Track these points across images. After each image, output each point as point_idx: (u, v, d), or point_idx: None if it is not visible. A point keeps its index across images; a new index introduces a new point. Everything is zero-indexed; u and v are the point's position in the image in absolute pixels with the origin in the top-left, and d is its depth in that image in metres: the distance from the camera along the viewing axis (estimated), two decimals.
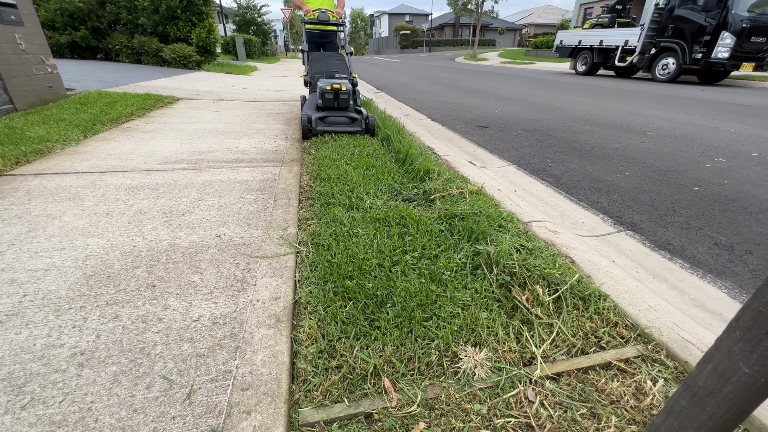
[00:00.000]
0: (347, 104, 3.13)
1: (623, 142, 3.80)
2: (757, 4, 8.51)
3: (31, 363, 0.96)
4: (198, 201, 1.93)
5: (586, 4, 25.06)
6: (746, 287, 1.57)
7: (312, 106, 3.27)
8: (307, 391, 0.94)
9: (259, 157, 2.68)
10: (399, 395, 0.94)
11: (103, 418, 0.83)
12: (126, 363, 0.97)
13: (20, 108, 3.53)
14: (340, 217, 1.77)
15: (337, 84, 3.02)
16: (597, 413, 0.92)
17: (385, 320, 1.15)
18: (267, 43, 22.23)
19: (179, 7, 8.78)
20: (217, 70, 9.53)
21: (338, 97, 3.07)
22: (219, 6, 22.87)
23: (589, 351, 1.09)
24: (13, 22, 3.44)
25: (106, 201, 1.88)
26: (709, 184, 2.67)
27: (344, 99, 3.09)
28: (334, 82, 3.03)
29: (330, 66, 3.66)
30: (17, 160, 2.34)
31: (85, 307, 1.16)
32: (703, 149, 3.53)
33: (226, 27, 25.97)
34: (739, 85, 9.81)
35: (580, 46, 12.81)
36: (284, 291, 1.27)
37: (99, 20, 8.54)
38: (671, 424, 0.52)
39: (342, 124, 3.14)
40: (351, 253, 1.47)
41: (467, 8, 28.62)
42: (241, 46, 15.16)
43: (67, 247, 1.47)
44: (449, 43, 46.94)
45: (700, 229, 2.03)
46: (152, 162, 2.48)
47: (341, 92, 3.05)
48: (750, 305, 0.42)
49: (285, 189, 2.12)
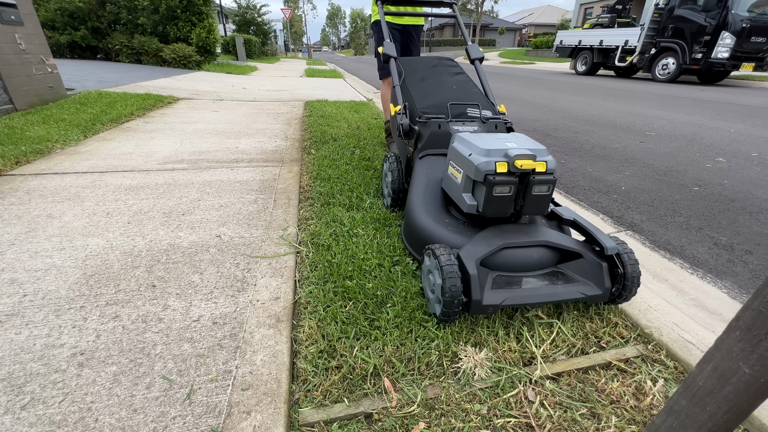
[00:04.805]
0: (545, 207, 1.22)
1: (623, 142, 3.80)
2: (757, 4, 8.52)
3: (31, 363, 0.96)
4: (198, 201, 1.93)
5: (586, 4, 25.07)
6: (746, 287, 1.57)
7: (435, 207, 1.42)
8: (307, 391, 0.94)
9: (259, 157, 2.68)
10: (399, 395, 0.94)
11: (103, 418, 0.83)
12: (126, 363, 0.97)
13: (20, 108, 3.53)
14: (340, 217, 1.77)
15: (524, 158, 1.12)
16: (597, 413, 0.92)
17: (385, 320, 1.15)
18: (267, 43, 22.22)
19: (179, 7, 8.77)
20: (217, 70, 9.53)
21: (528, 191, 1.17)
22: (219, 6, 22.89)
23: (589, 351, 1.10)
24: (13, 22, 3.44)
25: (106, 201, 1.88)
26: (709, 184, 2.67)
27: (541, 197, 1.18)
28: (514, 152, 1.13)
29: (448, 91, 1.82)
30: (17, 160, 2.34)
31: (85, 307, 1.16)
32: (703, 149, 3.53)
33: (226, 27, 25.98)
34: (739, 85, 9.80)
35: (580, 46, 12.80)
36: (284, 291, 1.27)
37: (99, 20, 8.53)
38: (671, 424, 0.52)
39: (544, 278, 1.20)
40: (351, 253, 1.47)
41: (467, 8, 28.64)
42: (241, 46, 15.15)
43: (67, 247, 1.47)
44: (449, 43, 46.93)
45: (700, 229, 2.03)
46: (152, 162, 2.48)
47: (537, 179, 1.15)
48: (750, 305, 0.42)
49: (285, 189, 2.12)
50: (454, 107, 1.68)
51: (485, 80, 1.97)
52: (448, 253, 1.10)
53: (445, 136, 1.58)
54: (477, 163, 1.14)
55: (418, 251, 1.39)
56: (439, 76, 1.95)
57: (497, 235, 1.21)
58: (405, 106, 1.73)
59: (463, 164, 1.23)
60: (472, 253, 1.12)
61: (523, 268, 1.19)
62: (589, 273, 1.18)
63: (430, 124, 1.61)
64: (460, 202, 1.26)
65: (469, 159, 1.18)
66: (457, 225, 1.32)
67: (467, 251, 1.12)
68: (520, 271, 1.19)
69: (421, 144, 1.63)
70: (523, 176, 1.15)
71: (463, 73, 2.00)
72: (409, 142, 1.71)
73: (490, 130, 1.62)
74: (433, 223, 1.34)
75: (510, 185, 1.13)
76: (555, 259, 1.23)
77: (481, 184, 1.16)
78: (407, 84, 1.88)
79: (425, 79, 1.91)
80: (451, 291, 1.03)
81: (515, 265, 1.18)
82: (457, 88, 1.87)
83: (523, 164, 1.10)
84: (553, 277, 1.19)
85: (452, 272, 1.04)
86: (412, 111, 1.74)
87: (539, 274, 1.19)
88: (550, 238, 1.22)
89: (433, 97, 1.77)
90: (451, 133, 1.57)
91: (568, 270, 1.22)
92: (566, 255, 1.22)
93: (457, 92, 1.83)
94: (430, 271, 1.18)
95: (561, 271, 1.22)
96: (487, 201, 1.15)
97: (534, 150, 1.16)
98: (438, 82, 1.90)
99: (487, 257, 1.14)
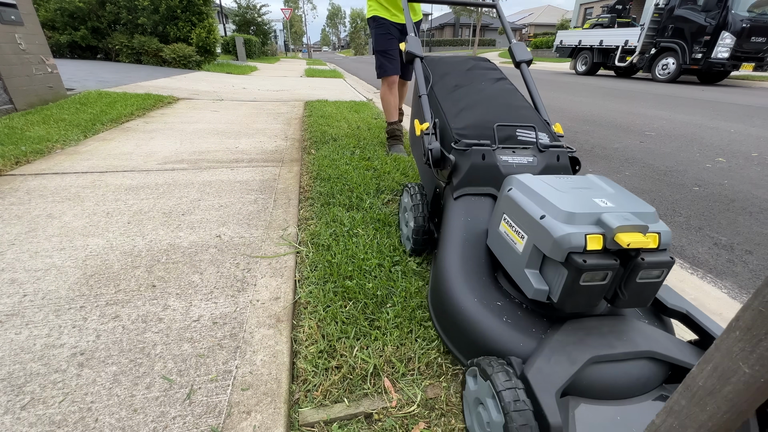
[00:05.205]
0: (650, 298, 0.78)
1: (623, 142, 3.80)
2: (757, 4, 8.52)
3: (31, 363, 0.96)
4: (198, 201, 1.93)
5: (586, 4, 25.08)
6: (746, 287, 1.57)
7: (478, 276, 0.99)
8: (307, 391, 0.94)
9: (259, 157, 2.68)
10: (399, 395, 0.94)
11: (103, 418, 0.83)
12: (126, 363, 0.97)
13: (20, 108, 3.53)
14: (340, 217, 1.77)
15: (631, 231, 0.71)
16: None
17: (385, 320, 1.15)
18: (267, 43, 22.22)
19: (179, 7, 8.78)
20: (217, 70, 9.53)
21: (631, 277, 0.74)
22: (219, 6, 22.89)
23: None
24: (13, 22, 3.44)
25: (106, 201, 1.88)
26: (709, 184, 2.67)
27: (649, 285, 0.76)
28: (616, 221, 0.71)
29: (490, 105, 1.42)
30: (17, 160, 2.34)
31: (85, 307, 1.16)
32: (703, 149, 3.53)
33: (226, 27, 26.00)
34: (739, 85, 9.81)
35: (580, 46, 12.81)
36: (284, 291, 1.28)
37: (99, 20, 8.54)
38: (671, 424, 0.52)
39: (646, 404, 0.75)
40: (351, 253, 1.47)
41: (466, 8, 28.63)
42: (241, 46, 15.16)
43: (67, 247, 1.47)
44: (449, 43, 46.96)
45: (700, 229, 2.03)
46: (152, 162, 2.48)
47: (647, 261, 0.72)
48: (750, 305, 0.42)
49: (285, 189, 2.12)
50: (502, 129, 1.26)
51: (535, 90, 1.54)
52: (508, 376, 0.71)
53: (492, 170, 1.17)
54: (556, 235, 0.74)
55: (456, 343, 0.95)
56: (477, 84, 1.52)
57: (581, 339, 0.78)
58: (435, 124, 1.34)
59: (528, 228, 0.83)
60: (547, 376, 0.71)
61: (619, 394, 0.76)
62: None
63: (471, 154, 1.17)
64: (521, 281, 0.86)
65: (542, 224, 0.78)
66: (513, 311, 0.90)
67: (539, 373, 0.72)
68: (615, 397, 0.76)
69: (457, 179, 1.19)
70: (626, 257, 0.75)
71: (505, 79, 1.59)
72: (440, 173, 1.29)
73: (550, 162, 1.20)
74: (479, 307, 0.90)
75: (607, 271, 0.73)
76: (661, 376, 0.80)
77: (560, 265, 0.76)
78: (435, 93, 1.47)
79: (459, 86, 1.50)
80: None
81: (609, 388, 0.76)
82: (502, 101, 1.44)
83: (630, 241, 0.69)
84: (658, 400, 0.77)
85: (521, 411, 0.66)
86: (443, 130, 1.33)
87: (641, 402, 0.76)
88: (656, 346, 0.79)
89: (471, 113, 1.36)
90: (498, 165, 1.17)
91: None
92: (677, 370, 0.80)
93: (502, 107, 1.41)
94: (479, 400, 0.78)
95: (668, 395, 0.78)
96: (569, 291, 0.75)
97: (641, 215, 0.76)
98: (476, 91, 1.48)
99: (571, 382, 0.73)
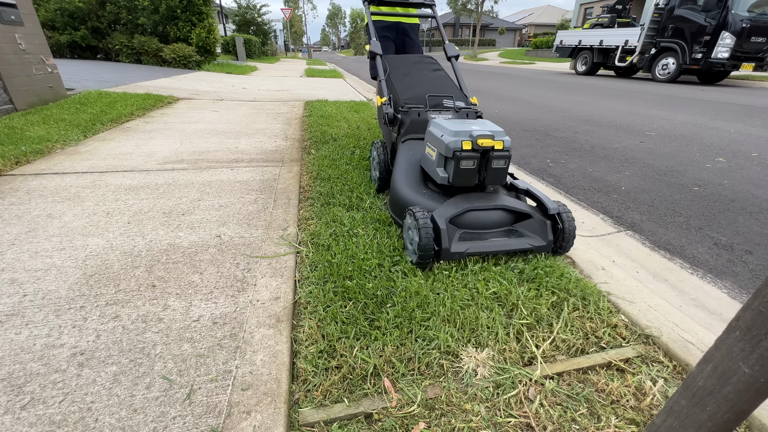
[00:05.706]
0: (503, 178, 1.51)
1: (623, 142, 3.80)
2: (757, 4, 8.52)
3: (31, 363, 0.96)
4: (198, 201, 1.93)
5: (586, 4, 25.06)
6: (746, 287, 1.57)
7: (415, 181, 1.68)
8: (307, 391, 0.94)
9: (259, 157, 2.68)
10: (399, 395, 0.94)
11: (103, 418, 0.83)
12: (126, 363, 0.97)
13: (20, 108, 3.53)
14: (340, 217, 1.77)
15: (485, 138, 1.41)
16: (597, 413, 0.92)
17: (385, 320, 1.15)
18: (267, 43, 22.21)
19: (179, 7, 8.77)
20: (217, 70, 9.53)
21: (488, 165, 1.47)
22: (219, 6, 22.88)
23: (589, 351, 1.10)
24: (13, 22, 3.44)
25: (106, 201, 1.88)
26: (709, 184, 2.67)
27: (499, 170, 1.48)
28: (477, 133, 1.42)
29: (427, 84, 2.05)
30: (17, 160, 2.34)
31: (85, 307, 1.16)
32: (703, 149, 3.53)
33: (226, 27, 25.98)
34: (739, 85, 9.81)
35: (580, 46, 12.81)
36: (284, 291, 1.28)
37: (99, 20, 8.53)
38: (671, 424, 0.52)
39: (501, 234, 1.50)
40: (351, 253, 1.47)
41: (467, 8, 28.62)
42: (241, 46, 15.15)
43: (67, 247, 1.47)
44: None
45: (700, 229, 2.03)
46: (152, 162, 2.48)
47: (495, 155, 1.45)
48: (750, 305, 0.42)
49: (285, 189, 2.12)
50: (432, 98, 1.92)
51: (460, 76, 2.22)
52: (424, 213, 1.37)
53: (424, 123, 1.78)
54: (447, 142, 1.41)
55: (400, 216, 1.61)
56: (419, 72, 2.19)
57: (464, 200, 1.48)
58: (390, 98, 1.97)
59: (436, 144, 1.49)
60: (442, 213, 1.41)
61: (485, 227, 1.47)
62: (537, 230, 1.50)
63: (411, 113, 1.86)
64: (434, 175, 1.51)
65: (441, 139, 1.45)
66: (432, 194, 1.60)
67: (439, 212, 1.41)
68: (482, 229, 1.47)
69: (403, 130, 1.86)
70: (485, 152, 1.43)
71: (440, 70, 2.23)
72: (393, 128, 1.95)
73: (462, 118, 1.86)
74: (413, 194, 1.60)
75: (474, 160, 1.42)
76: (510, 219, 1.52)
77: (450, 160, 1.42)
78: (392, 78, 2.09)
79: (408, 74, 2.15)
80: (425, 241, 1.30)
81: (478, 224, 1.47)
82: (435, 82, 2.11)
83: (483, 142, 1.39)
84: (508, 234, 1.49)
85: (427, 226, 1.32)
86: (395, 102, 1.97)
87: (497, 232, 1.48)
88: (506, 203, 1.51)
89: (414, 90, 2.01)
90: (428, 120, 1.74)
91: (521, 228, 1.51)
92: (519, 216, 1.52)
93: (434, 86, 2.07)
94: (409, 228, 1.44)
95: (515, 229, 1.51)
96: (456, 173, 1.43)
97: (493, 131, 1.43)
98: (419, 77, 2.14)
99: (455, 217, 1.43)
